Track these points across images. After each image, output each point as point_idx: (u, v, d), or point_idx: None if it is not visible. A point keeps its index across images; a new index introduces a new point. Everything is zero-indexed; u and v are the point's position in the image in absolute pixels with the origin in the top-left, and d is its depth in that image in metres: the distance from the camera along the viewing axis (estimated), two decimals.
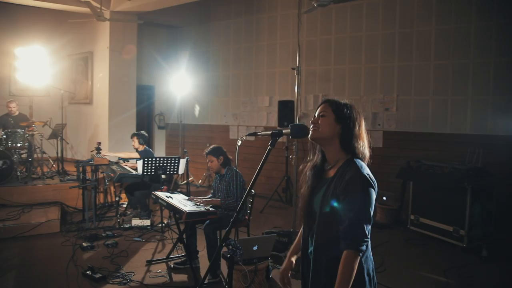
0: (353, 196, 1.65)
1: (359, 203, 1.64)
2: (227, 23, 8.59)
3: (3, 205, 5.80)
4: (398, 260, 4.59)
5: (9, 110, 6.92)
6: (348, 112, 1.78)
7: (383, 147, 6.61)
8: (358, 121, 1.78)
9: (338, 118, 1.76)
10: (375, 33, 6.69)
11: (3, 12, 7.92)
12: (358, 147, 1.76)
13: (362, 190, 1.65)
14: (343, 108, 1.79)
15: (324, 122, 1.78)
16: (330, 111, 1.78)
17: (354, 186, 1.66)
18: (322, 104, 1.85)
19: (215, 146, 4.35)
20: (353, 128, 1.76)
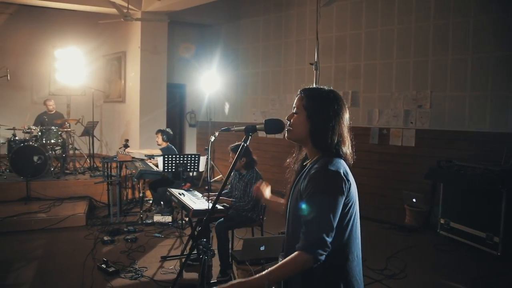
0: (311, 194, 1.49)
1: (318, 205, 1.47)
2: (256, 20, 8.51)
3: (37, 198, 6.10)
4: (423, 266, 4.29)
5: (47, 108, 7.27)
6: (321, 106, 1.61)
7: (416, 146, 6.23)
8: (332, 115, 1.59)
9: (309, 115, 1.62)
10: (407, 26, 6.32)
11: (43, 16, 8.36)
12: (329, 144, 1.58)
13: (323, 189, 1.49)
14: (316, 101, 1.62)
15: (296, 121, 1.65)
16: (302, 107, 1.64)
17: (315, 184, 1.50)
18: (298, 95, 1.71)
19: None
20: (325, 125, 1.59)
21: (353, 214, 1.56)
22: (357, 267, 1.59)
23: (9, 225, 5.24)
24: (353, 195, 1.56)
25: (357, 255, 1.60)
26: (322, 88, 1.68)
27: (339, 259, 1.53)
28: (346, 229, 1.54)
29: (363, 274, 3.85)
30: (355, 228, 1.59)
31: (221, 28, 9.30)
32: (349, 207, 1.54)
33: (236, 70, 8.91)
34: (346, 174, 1.54)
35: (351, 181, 1.56)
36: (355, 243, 1.59)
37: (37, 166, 6.30)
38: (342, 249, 1.53)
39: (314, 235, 1.44)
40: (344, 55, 7.10)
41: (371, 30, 6.72)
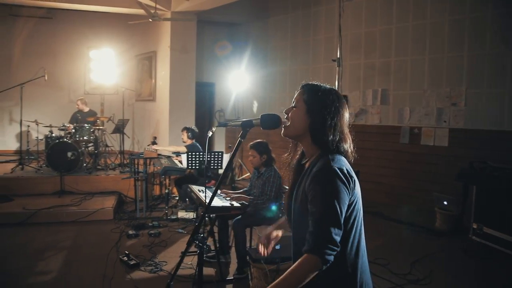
0: (317, 193, 1.44)
1: (323, 204, 1.42)
2: (284, 17, 8.45)
3: (70, 192, 6.37)
4: (450, 273, 4.07)
5: (80, 107, 7.58)
6: (322, 102, 1.57)
7: (449, 146, 5.94)
8: (334, 111, 1.56)
9: (309, 109, 1.57)
10: (441, 20, 6.03)
11: (79, 19, 8.74)
12: (330, 140, 1.53)
13: (328, 188, 1.43)
14: (317, 96, 1.58)
15: (295, 116, 1.61)
16: (302, 101, 1.60)
17: (319, 181, 1.46)
18: (299, 90, 1.67)
19: (261, 142, 4.13)
20: (325, 121, 1.54)
21: (358, 211, 1.53)
22: (366, 262, 1.57)
23: (43, 216, 5.50)
24: (357, 192, 1.52)
25: (364, 251, 1.57)
26: (323, 85, 1.65)
27: (350, 256, 1.49)
28: (353, 226, 1.50)
29: (384, 277, 3.71)
30: (361, 225, 1.56)
31: (250, 26, 9.30)
32: (354, 204, 1.50)
33: (264, 68, 8.88)
34: (350, 171, 1.50)
35: (354, 178, 1.51)
36: (362, 239, 1.55)
37: (70, 162, 6.57)
38: (351, 246, 1.50)
39: (321, 235, 1.40)
40: (373, 51, 6.89)
41: (402, 25, 6.48)
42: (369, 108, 6.95)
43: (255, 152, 4.07)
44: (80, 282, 3.76)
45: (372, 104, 6.89)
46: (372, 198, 6.76)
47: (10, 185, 6.27)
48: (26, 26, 8.68)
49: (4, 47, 8.69)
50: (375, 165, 6.79)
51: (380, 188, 6.70)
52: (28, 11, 8.53)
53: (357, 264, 1.50)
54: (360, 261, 1.51)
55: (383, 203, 6.54)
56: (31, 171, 6.82)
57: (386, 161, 6.66)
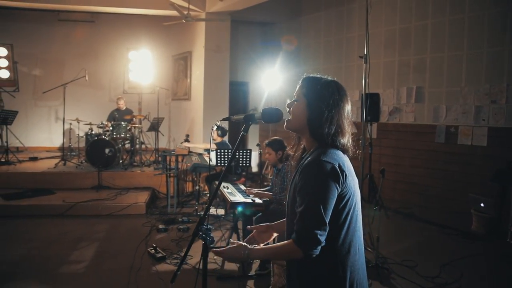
0: (302, 186, 1.45)
1: (308, 199, 1.42)
2: (317, 16, 8.37)
3: (106, 187, 6.67)
4: (483, 278, 3.87)
5: (118, 106, 7.92)
6: (320, 94, 1.55)
7: (488, 145, 5.64)
8: (332, 104, 1.54)
9: (309, 103, 1.57)
10: (480, 14, 5.73)
11: (118, 21, 9.13)
12: (326, 133, 1.52)
13: (314, 182, 1.43)
14: (315, 88, 1.57)
15: (296, 110, 1.61)
16: (302, 95, 1.60)
17: (306, 176, 1.45)
18: (300, 83, 1.66)
19: (276, 139, 4.18)
20: (323, 112, 1.53)
21: (352, 206, 1.50)
22: (360, 260, 1.53)
23: (81, 209, 5.81)
24: (350, 187, 1.49)
25: (359, 248, 1.54)
26: (324, 77, 1.63)
27: (341, 253, 1.48)
28: (345, 221, 1.48)
29: (410, 279, 3.60)
30: (355, 220, 1.53)
31: (283, 25, 9.30)
32: (347, 199, 1.48)
33: (297, 67, 8.83)
34: (342, 165, 1.47)
35: (347, 172, 1.48)
36: (356, 235, 1.52)
37: (108, 158, 6.88)
38: (343, 242, 1.48)
39: (305, 231, 1.42)
40: (408, 48, 6.67)
41: (439, 20, 6.22)
42: (403, 107, 6.74)
43: (271, 149, 4.11)
44: (109, 273, 3.93)
45: (407, 102, 6.67)
46: (405, 199, 6.55)
47: (52, 180, 6.66)
48: (72, 30, 9.20)
49: (52, 51, 9.26)
50: (409, 165, 6.57)
51: (414, 189, 6.48)
52: (74, 16, 9.04)
53: (347, 261, 1.47)
54: (352, 259, 1.48)
55: (416, 204, 6.32)
56: (72, 167, 7.22)
57: (421, 161, 6.43)
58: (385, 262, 4.07)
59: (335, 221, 1.46)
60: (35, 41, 9.08)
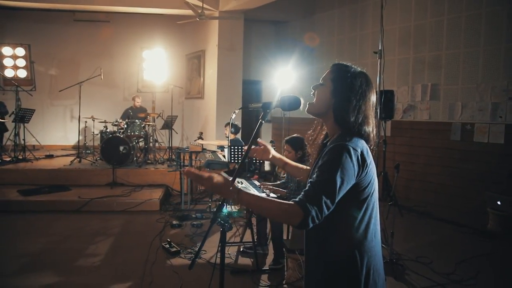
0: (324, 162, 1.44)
1: (326, 170, 1.40)
2: (331, 13, 8.35)
3: (121, 184, 6.76)
4: (499, 276, 3.82)
5: (134, 104, 8.02)
6: (349, 83, 1.55)
7: (505, 143, 5.55)
8: (359, 95, 1.54)
9: (335, 89, 1.57)
10: (497, 8, 5.65)
11: (132, 21, 9.26)
12: (351, 123, 1.52)
13: (336, 158, 1.42)
14: (345, 77, 1.57)
15: (320, 94, 1.61)
16: (330, 80, 1.60)
17: (329, 153, 1.45)
18: (329, 69, 1.67)
19: (297, 138, 4.04)
20: (350, 102, 1.53)
21: (370, 194, 1.50)
22: (376, 246, 1.53)
23: (96, 205, 5.90)
24: (370, 175, 1.50)
25: (375, 235, 1.54)
26: (354, 67, 1.63)
27: (358, 238, 1.48)
28: (362, 208, 1.49)
29: (425, 275, 3.57)
30: (372, 208, 1.53)
31: (297, 24, 9.30)
32: (366, 186, 1.48)
33: (311, 65, 8.82)
34: (365, 153, 1.48)
35: (368, 162, 1.48)
36: (372, 222, 1.52)
37: (122, 155, 6.97)
38: (359, 227, 1.48)
39: (314, 194, 1.36)
40: (423, 45, 6.61)
41: (455, 16, 6.15)
42: (418, 104, 6.67)
43: (290, 147, 4.03)
44: (124, 266, 3.98)
45: (421, 99, 6.61)
46: (420, 197, 6.49)
47: (68, 176, 6.78)
48: (87, 29, 9.36)
49: (68, 50, 9.44)
50: (424, 163, 6.51)
51: (429, 187, 6.41)
52: (89, 16, 9.19)
53: (364, 246, 1.47)
54: (369, 245, 1.48)
55: (431, 203, 6.25)
56: (87, 164, 7.33)
57: (436, 159, 6.35)
58: (399, 259, 4.04)
59: (353, 206, 1.46)
60: (51, 41, 9.26)
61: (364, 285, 1.46)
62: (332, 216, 1.41)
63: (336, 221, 1.47)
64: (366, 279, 1.47)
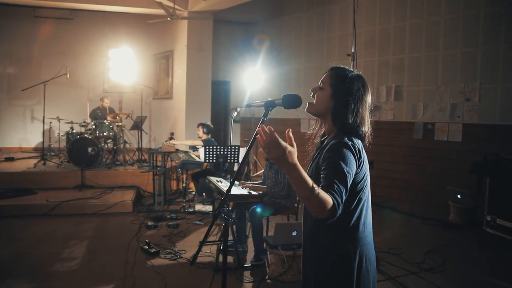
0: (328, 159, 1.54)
1: (333, 164, 1.50)
2: (299, 16, 8.56)
3: (90, 186, 6.58)
4: (463, 263, 4.13)
5: (102, 104, 7.82)
6: (348, 87, 1.65)
7: (462, 141, 5.96)
8: (357, 98, 1.65)
9: (334, 94, 1.66)
10: (455, 16, 6.07)
11: (98, 19, 9.00)
12: (349, 125, 1.63)
13: (339, 153, 1.52)
14: (343, 82, 1.67)
15: (320, 97, 1.71)
16: (329, 85, 1.69)
17: (332, 150, 1.56)
18: (326, 72, 1.76)
19: None
20: (347, 106, 1.63)
21: (363, 187, 1.61)
22: (368, 237, 1.64)
23: (65, 208, 5.72)
24: (365, 170, 1.62)
25: (367, 227, 1.64)
26: (351, 71, 1.73)
27: (350, 228, 1.58)
28: (354, 200, 1.59)
29: (398, 265, 3.79)
30: (365, 200, 1.64)
31: (265, 25, 9.44)
32: (360, 180, 1.59)
33: (279, 66, 9.00)
34: (361, 150, 1.59)
35: (363, 158, 1.60)
36: (364, 215, 1.63)
37: (91, 157, 6.79)
38: (351, 218, 1.58)
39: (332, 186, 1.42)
40: (387, 48, 6.95)
41: (416, 22, 6.53)
42: (383, 105, 7.01)
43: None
44: (103, 268, 3.92)
45: (386, 100, 6.95)
46: (387, 194, 6.81)
47: (33, 179, 6.50)
48: (49, 27, 8.99)
49: (28, 48, 9.02)
50: (389, 161, 6.84)
51: (395, 184, 6.75)
52: (51, 13, 8.83)
53: (356, 236, 1.58)
54: (361, 235, 1.59)
55: (397, 199, 6.59)
56: (52, 166, 7.07)
57: (400, 156, 6.70)
58: None
59: (351, 200, 1.56)
60: (10, 38, 8.82)
61: (357, 273, 1.57)
62: None
63: None
64: (359, 267, 1.57)
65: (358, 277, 1.56)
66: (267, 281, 3.69)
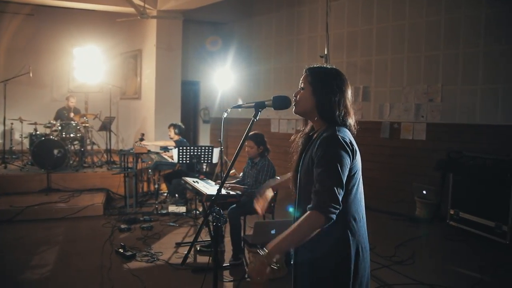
0: (322, 156, 1.60)
1: (327, 163, 1.57)
2: (269, 17, 8.66)
3: (57, 190, 6.35)
4: (431, 255, 4.37)
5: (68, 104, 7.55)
6: (325, 81, 1.74)
7: (427, 139, 6.27)
8: (336, 90, 1.72)
9: (314, 90, 1.74)
10: (419, 21, 6.37)
11: (62, 16, 8.67)
12: (336, 117, 1.71)
13: (333, 151, 1.59)
14: (320, 77, 1.75)
15: (302, 96, 1.78)
16: (308, 83, 1.77)
17: (324, 145, 1.62)
18: (303, 74, 1.84)
19: (258, 133, 4.26)
20: (330, 98, 1.71)
21: (357, 179, 1.69)
22: (363, 227, 1.72)
23: (32, 213, 5.48)
24: (358, 162, 1.69)
25: (362, 217, 1.72)
26: (325, 66, 1.82)
27: (348, 220, 1.65)
28: (351, 193, 1.66)
29: (372, 259, 3.94)
30: (360, 192, 1.72)
31: (235, 25, 9.47)
32: (355, 173, 1.67)
33: (249, 66, 9.06)
34: (352, 142, 1.67)
35: (356, 150, 1.68)
36: (360, 205, 1.71)
37: (57, 159, 6.55)
38: (350, 210, 1.66)
39: (325, 194, 1.53)
40: (355, 50, 7.18)
41: (383, 26, 6.79)
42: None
43: (253, 143, 4.21)
44: (78, 273, 3.82)
45: (354, 100, 7.17)
46: None
47: None
48: (10, 23, 8.53)
49: None
50: None
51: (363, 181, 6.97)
52: (10, 8, 8.40)
53: (354, 227, 1.66)
54: (357, 226, 1.67)
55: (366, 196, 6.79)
56: (15, 169, 6.75)
57: (368, 155, 6.93)
58: None
59: (346, 192, 1.63)
60: None
61: (354, 261, 1.65)
62: None
63: None
64: (356, 256, 1.65)
65: (355, 264, 1.64)
66: (246, 280, 3.73)
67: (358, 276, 1.66)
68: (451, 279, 3.71)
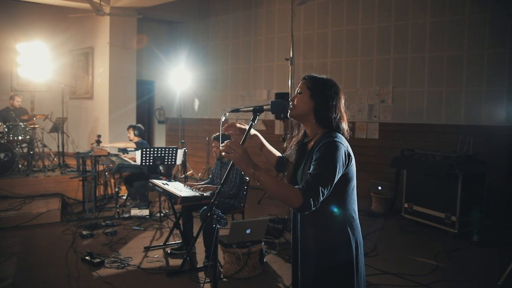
0: (318, 156, 1.70)
1: (321, 163, 1.67)
2: (225, 18, 8.69)
3: (5, 197, 5.92)
4: (391, 246, 4.68)
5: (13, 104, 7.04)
6: (323, 87, 1.85)
7: (379, 138, 6.70)
8: (333, 95, 1.84)
9: (313, 94, 1.84)
10: (371, 26, 6.77)
11: (4, 8, 8.06)
12: (332, 120, 1.82)
13: (328, 153, 1.69)
14: (319, 83, 1.87)
15: (299, 100, 1.87)
16: (306, 88, 1.87)
17: (323, 149, 1.71)
18: (301, 81, 1.94)
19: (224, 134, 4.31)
20: (327, 102, 1.82)
21: (355, 181, 1.84)
22: (358, 224, 1.87)
23: None
24: (354, 167, 1.82)
25: (356, 214, 1.87)
26: (322, 76, 1.94)
27: (348, 217, 1.79)
28: (349, 193, 1.80)
29: None
30: (355, 194, 1.87)
31: (191, 25, 9.39)
32: (352, 175, 1.80)
33: (205, 66, 9.03)
34: (348, 149, 1.79)
35: (352, 156, 1.81)
36: (356, 204, 1.87)
37: (4, 164, 6.13)
38: (349, 209, 1.80)
39: (312, 189, 1.62)
40: (311, 52, 7.45)
41: (337, 30, 7.12)
42: None
43: (218, 143, 4.26)
44: (44, 285, 3.63)
45: None
46: None
47: None
48: None
49: None
50: None
51: None
52: None
53: (352, 223, 1.80)
54: (355, 222, 1.83)
55: None
56: None
57: None
58: None
59: (344, 192, 1.77)
60: None
61: (355, 256, 1.79)
62: (328, 201, 1.71)
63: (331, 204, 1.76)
64: (356, 251, 1.80)
65: (356, 259, 1.78)
66: (223, 280, 3.78)
67: (359, 267, 1.80)
68: (412, 267, 4.02)
